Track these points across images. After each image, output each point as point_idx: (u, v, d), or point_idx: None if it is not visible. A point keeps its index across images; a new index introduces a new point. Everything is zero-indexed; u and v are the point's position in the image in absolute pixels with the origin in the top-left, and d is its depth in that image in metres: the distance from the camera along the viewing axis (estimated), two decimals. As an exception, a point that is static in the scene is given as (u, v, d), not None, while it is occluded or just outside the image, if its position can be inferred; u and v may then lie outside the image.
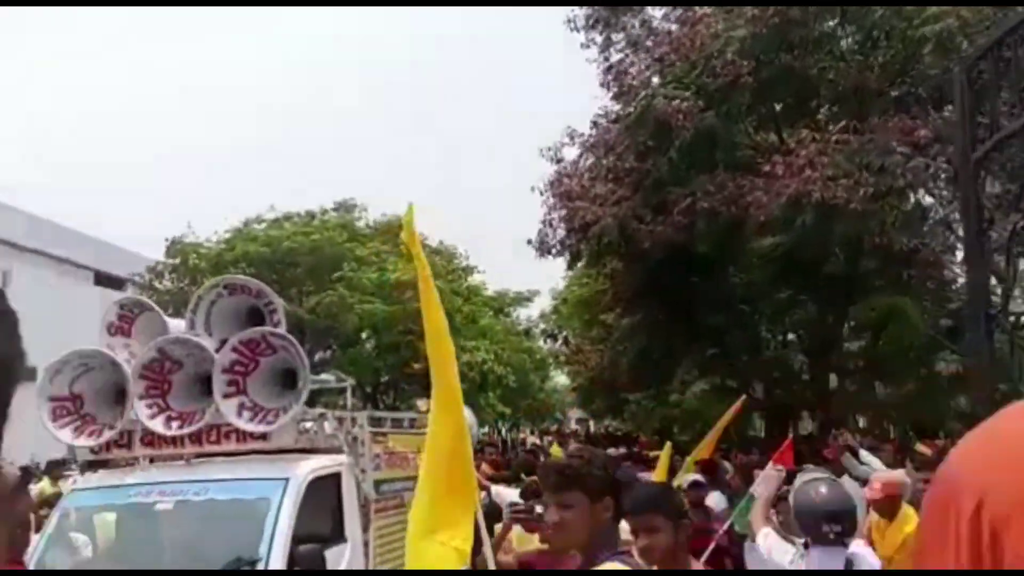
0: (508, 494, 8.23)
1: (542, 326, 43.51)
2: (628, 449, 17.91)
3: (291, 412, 5.62)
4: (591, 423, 41.89)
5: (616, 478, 2.91)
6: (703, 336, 12.15)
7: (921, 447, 8.56)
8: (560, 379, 40.16)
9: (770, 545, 3.83)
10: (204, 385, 5.80)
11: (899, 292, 10.31)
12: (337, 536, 6.00)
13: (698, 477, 7.56)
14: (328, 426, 6.20)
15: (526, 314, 41.78)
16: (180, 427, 5.71)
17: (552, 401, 40.59)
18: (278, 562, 5.17)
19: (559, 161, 12.26)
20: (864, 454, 7.71)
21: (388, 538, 6.66)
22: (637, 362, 13.14)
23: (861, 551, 3.85)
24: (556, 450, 12.22)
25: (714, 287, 11.83)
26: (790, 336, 13.55)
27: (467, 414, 9.63)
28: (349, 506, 6.15)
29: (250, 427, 5.64)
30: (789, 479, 6.91)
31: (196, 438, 5.80)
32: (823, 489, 3.77)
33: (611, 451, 13.79)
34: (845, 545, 3.73)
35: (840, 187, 8.16)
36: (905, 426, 13.86)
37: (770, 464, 7.03)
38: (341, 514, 6.06)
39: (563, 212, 10.93)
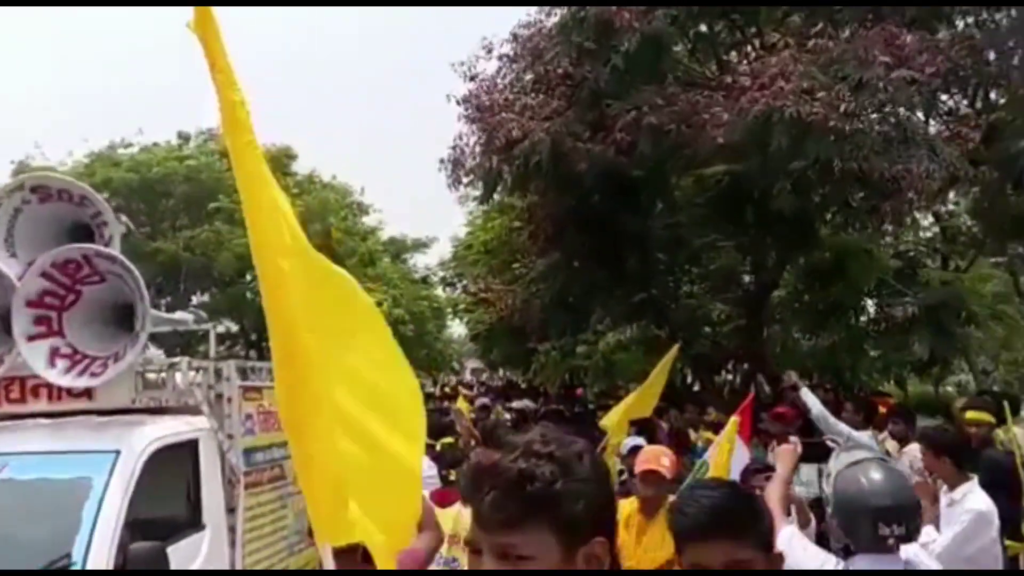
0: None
1: (441, 273, 42.44)
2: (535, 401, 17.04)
3: (126, 360, 4.25)
4: (488, 374, 41.22)
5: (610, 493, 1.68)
6: (628, 279, 11.23)
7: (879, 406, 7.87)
8: (456, 329, 39.20)
9: (795, 551, 2.76)
10: (2, 324, 4.33)
11: (856, 229, 9.65)
12: (191, 523, 4.69)
13: (638, 440, 6.59)
14: (180, 379, 4.85)
15: (423, 261, 40.55)
16: (-35, 380, 4.25)
17: (449, 352, 39.61)
18: (101, 563, 3.86)
19: (473, 78, 10.92)
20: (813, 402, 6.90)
21: (261, 520, 5.40)
22: (552, 306, 12.13)
23: (917, 554, 2.86)
24: (463, 404, 11.09)
25: (643, 224, 10.86)
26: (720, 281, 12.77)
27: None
28: (209, 483, 4.85)
29: (66, 380, 4.25)
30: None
31: (-10, 395, 4.36)
32: (877, 475, 2.76)
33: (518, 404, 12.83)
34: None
35: (818, 102, 7.21)
36: (828, 379, 13.46)
37: (732, 420, 6.16)
38: (198, 494, 4.75)
39: (481, 130, 9.63)
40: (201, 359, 5.36)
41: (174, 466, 4.65)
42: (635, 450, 6.56)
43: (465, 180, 11.10)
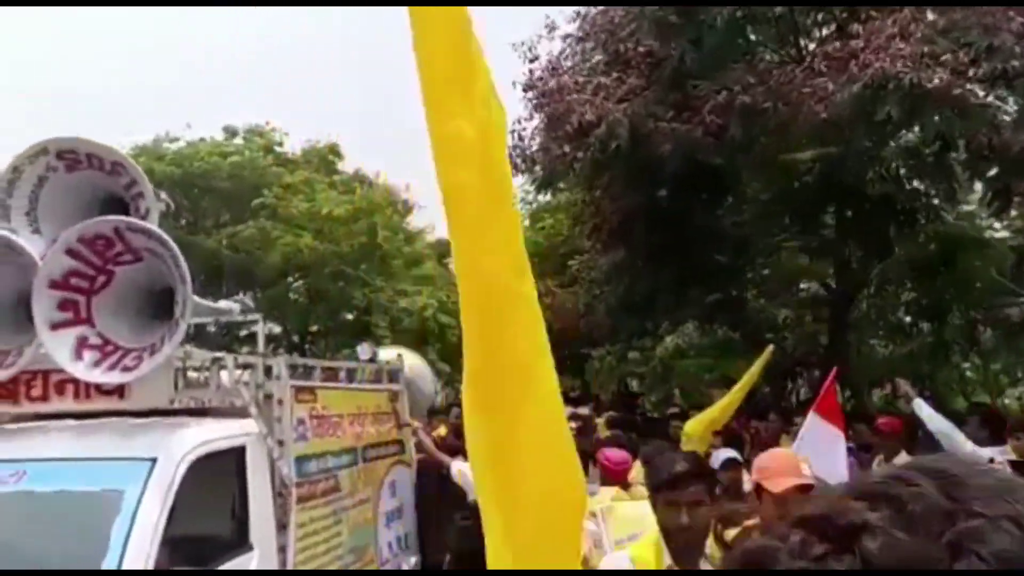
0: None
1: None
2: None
3: (163, 353, 3.67)
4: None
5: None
6: (698, 279, 10.48)
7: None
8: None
9: None
10: (24, 310, 3.78)
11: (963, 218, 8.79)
12: (237, 542, 4.10)
13: (732, 452, 5.86)
14: (226, 377, 4.26)
15: None
16: (-21, 374, 3.71)
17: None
18: (133, 592, 3.28)
19: (535, 59, 10.27)
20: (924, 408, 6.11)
21: (315, 538, 4.80)
22: (618, 308, 11.41)
23: None
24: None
25: (715, 219, 10.09)
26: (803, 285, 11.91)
27: (420, 364, 7.71)
28: (257, 496, 4.26)
29: (95, 376, 3.68)
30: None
31: (9, 392, 3.81)
32: None
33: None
34: None
35: (941, 67, 6.41)
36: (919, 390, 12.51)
37: (811, 415, 5.44)
38: (246, 509, 4.16)
39: (548, 116, 8.95)
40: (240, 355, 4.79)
41: (218, 476, 4.07)
42: (730, 464, 5.83)
43: (523, 168, 10.45)
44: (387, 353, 7.14)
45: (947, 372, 13.32)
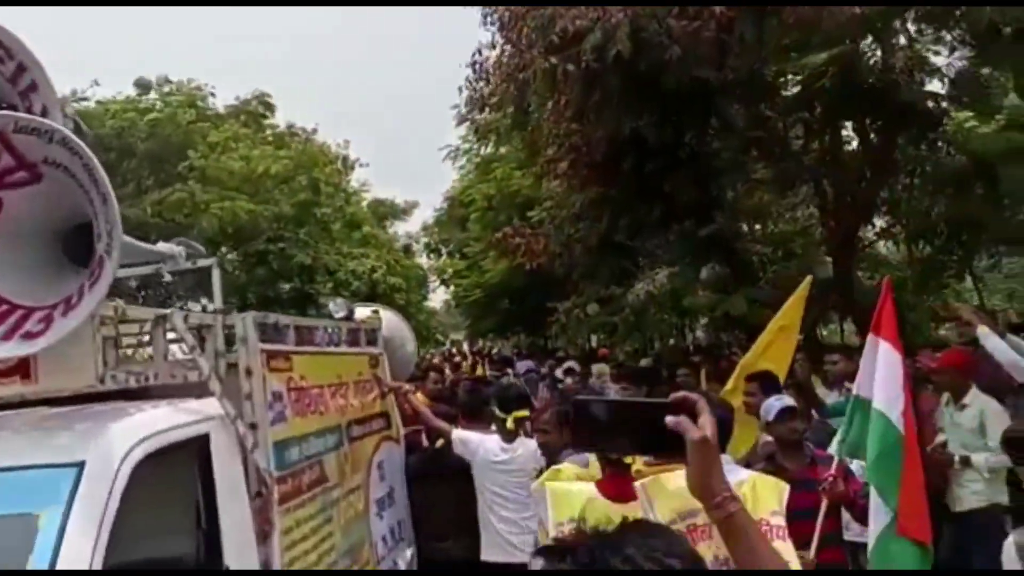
0: (486, 442, 5.48)
1: (424, 240, 40.58)
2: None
3: (81, 310, 2.57)
4: (481, 343, 39.65)
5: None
6: (693, 211, 9.60)
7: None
8: (432, 302, 37.94)
9: None
10: None
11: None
12: (208, 564, 3.05)
13: (787, 400, 4.99)
14: (176, 343, 3.18)
15: (403, 229, 39.04)
16: None
17: (432, 323, 37.98)
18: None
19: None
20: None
21: (304, 545, 3.78)
22: (599, 248, 10.50)
23: None
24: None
25: (709, 145, 9.17)
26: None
27: (399, 322, 6.66)
28: (230, 501, 3.21)
29: (-16, 349, 2.57)
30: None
31: None
32: None
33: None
34: None
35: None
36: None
37: (872, 337, 4.67)
38: (215, 520, 3.10)
39: (528, 28, 7.80)
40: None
41: (174, 480, 3.01)
42: (788, 414, 4.96)
43: (490, 101, 9.38)
44: (360, 311, 6.09)
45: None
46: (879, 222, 10.67)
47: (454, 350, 35.89)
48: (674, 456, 1.52)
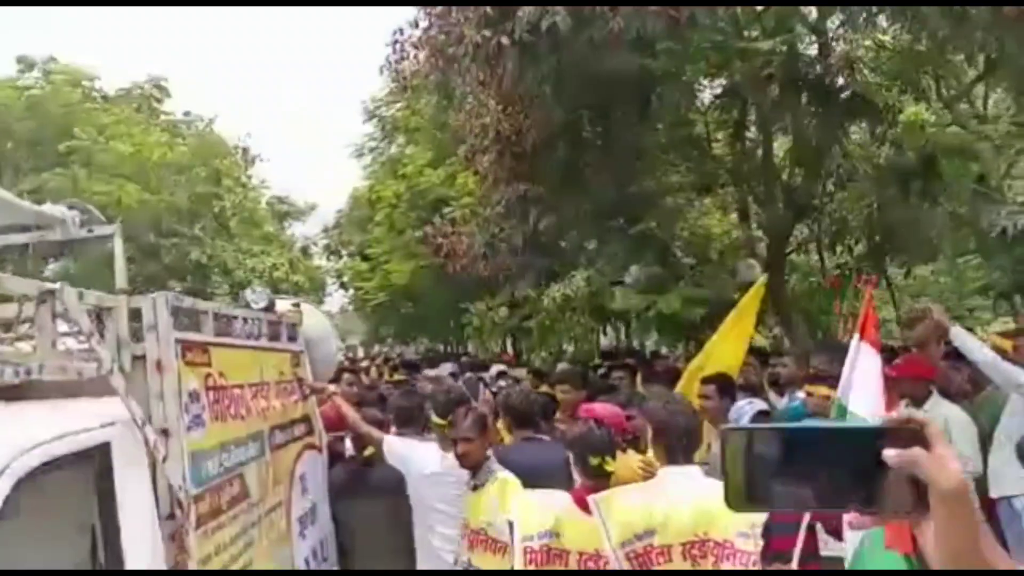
0: (422, 451, 4.91)
1: (324, 242, 39.41)
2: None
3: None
4: (377, 348, 38.82)
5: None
6: (625, 207, 9.26)
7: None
8: (327, 306, 37.01)
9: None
10: None
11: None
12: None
13: (761, 404, 4.65)
14: (66, 327, 2.53)
15: (301, 230, 37.97)
16: None
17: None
18: None
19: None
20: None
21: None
22: (525, 249, 10.04)
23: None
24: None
25: (649, 131, 8.82)
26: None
27: (321, 319, 6.06)
28: (135, 525, 2.58)
29: None
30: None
31: None
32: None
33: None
34: None
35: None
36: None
37: (856, 340, 4.39)
38: (117, 550, 2.47)
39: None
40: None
41: (63, 504, 2.37)
42: (760, 418, 4.61)
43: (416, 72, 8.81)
44: (280, 304, 5.45)
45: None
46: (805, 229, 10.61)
47: (351, 355, 34.92)
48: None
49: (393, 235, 24.65)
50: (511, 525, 3.60)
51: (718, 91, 10.35)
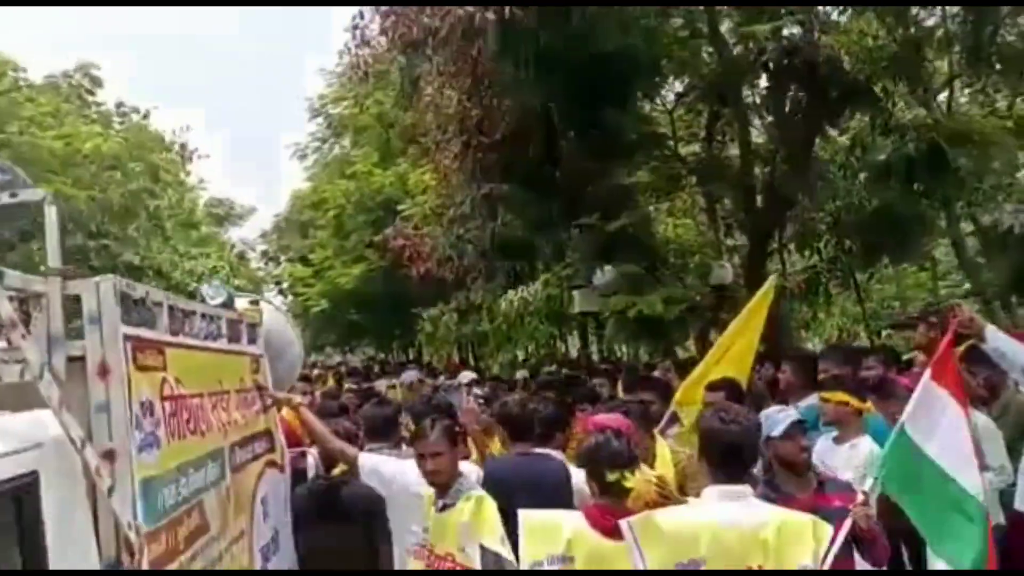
0: (404, 469, 4.28)
1: (262, 247, 38.29)
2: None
3: None
4: (313, 356, 37.93)
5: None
6: (599, 205, 8.79)
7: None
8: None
9: None
10: None
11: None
12: None
13: (794, 413, 4.16)
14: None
15: (238, 234, 36.97)
16: None
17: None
18: None
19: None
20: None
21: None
22: (497, 248, 9.49)
23: None
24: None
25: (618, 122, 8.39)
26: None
27: (282, 319, 5.52)
28: (71, 579, 1.96)
29: None
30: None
31: None
32: None
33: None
34: None
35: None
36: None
37: (926, 377, 3.95)
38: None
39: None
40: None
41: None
42: (796, 427, 4.12)
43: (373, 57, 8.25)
44: (237, 302, 4.81)
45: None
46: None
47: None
48: None
49: (340, 238, 23.88)
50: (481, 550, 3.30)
51: (688, 88, 10.01)
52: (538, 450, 4.53)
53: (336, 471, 4.59)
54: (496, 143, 8.45)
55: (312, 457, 4.91)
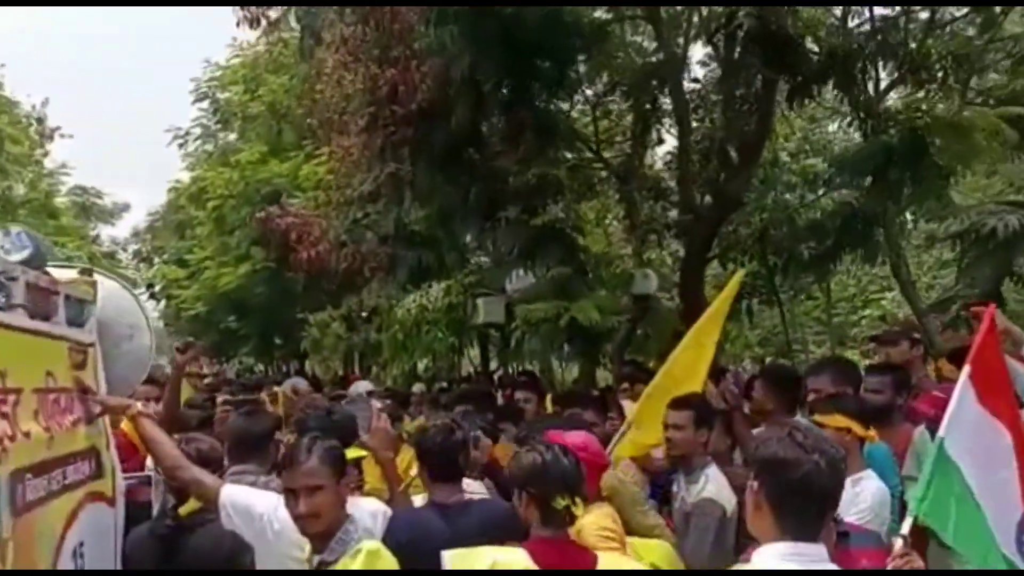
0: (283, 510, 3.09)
1: (135, 247, 35.89)
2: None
3: None
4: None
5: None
6: (515, 196, 7.89)
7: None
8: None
9: None
10: None
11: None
12: None
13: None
14: None
15: (108, 233, 34.44)
16: None
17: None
18: None
19: None
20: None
21: None
22: (400, 236, 8.42)
23: None
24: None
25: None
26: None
27: (124, 295, 4.28)
28: None
29: None
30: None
31: None
32: None
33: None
34: None
35: None
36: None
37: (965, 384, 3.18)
38: None
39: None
40: None
41: None
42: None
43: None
44: (62, 272, 3.57)
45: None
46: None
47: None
48: None
49: (220, 234, 22.13)
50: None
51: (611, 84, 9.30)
52: (475, 496, 3.50)
53: (187, 507, 3.38)
54: (409, 115, 7.36)
55: (160, 483, 3.69)
